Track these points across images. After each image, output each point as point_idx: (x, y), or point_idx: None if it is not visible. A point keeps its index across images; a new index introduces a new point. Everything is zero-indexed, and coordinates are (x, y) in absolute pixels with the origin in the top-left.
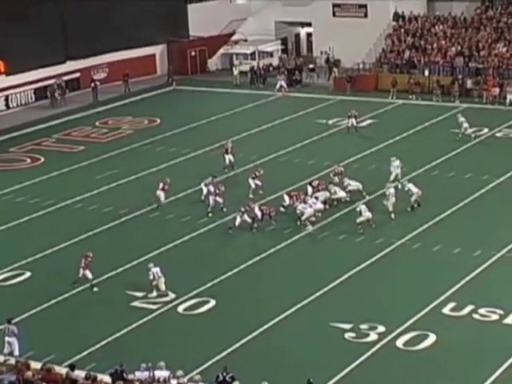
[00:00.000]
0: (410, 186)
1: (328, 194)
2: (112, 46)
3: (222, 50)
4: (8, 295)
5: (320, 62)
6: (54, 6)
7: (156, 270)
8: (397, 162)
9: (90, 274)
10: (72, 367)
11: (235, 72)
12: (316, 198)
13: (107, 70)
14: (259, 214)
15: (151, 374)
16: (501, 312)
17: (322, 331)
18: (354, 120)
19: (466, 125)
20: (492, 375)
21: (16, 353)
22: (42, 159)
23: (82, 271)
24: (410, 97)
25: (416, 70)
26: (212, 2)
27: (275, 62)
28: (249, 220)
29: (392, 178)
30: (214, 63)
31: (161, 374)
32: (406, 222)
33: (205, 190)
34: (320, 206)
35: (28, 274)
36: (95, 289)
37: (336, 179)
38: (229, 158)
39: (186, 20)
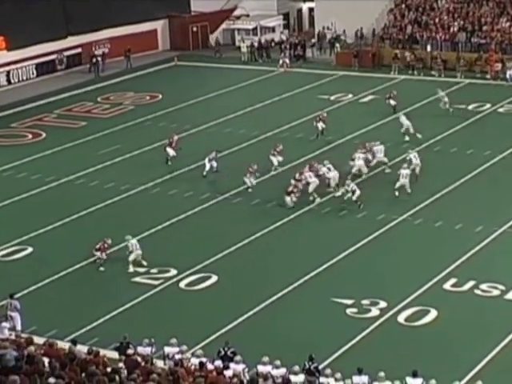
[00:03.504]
0: (412, 156)
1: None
2: (113, 22)
3: (223, 26)
4: (10, 270)
5: (326, 37)
6: None
7: (134, 241)
8: (403, 118)
9: (105, 255)
10: (74, 342)
11: (243, 49)
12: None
13: (109, 46)
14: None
15: (153, 350)
16: (502, 287)
17: (323, 307)
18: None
19: (445, 99)
20: (493, 350)
21: (18, 327)
22: (44, 135)
23: (96, 253)
24: (411, 72)
25: (418, 46)
26: None
27: (277, 37)
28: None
29: (403, 130)
30: (215, 39)
31: (171, 350)
32: (408, 198)
33: (208, 166)
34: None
35: (30, 249)
36: (101, 268)
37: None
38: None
39: None
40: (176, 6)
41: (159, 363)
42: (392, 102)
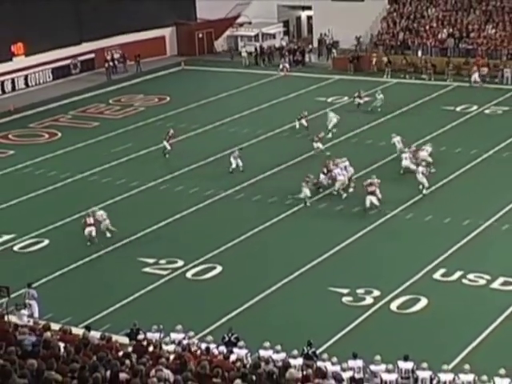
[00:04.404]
0: (396, 141)
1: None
2: (124, 29)
3: (227, 32)
4: (28, 261)
5: (324, 43)
6: None
7: (101, 212)
8: (332, 114)
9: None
10: (88, 328)
11: (244, 54)
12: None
13: (120, 51)
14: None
15: (162, 335)
16: (488, 277)
17: (321, 295)
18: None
19: (380, 96)
20: (479, 336)
21: (36, 315)
22: (59, 134)
23: (88, 229)
24: (402, 75)
25: (410, 51)
26: None
27: (277, 43)
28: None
29: (330, 126)
30: (220, 44)
31: (176, 336)
32: (399, 194)
33: (234, 163)
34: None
35: (46, 241)
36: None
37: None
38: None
39: (194, 4)
40: (183, 14)
41: (170, 347)
42: (359, 101)
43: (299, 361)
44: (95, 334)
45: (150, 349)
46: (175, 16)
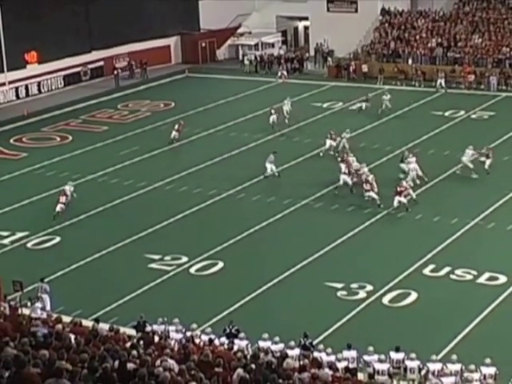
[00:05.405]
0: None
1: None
2: (132, 38)
3: (229, 42)
4: (41, 257)
5: (320, 52)
6: (81, 3)
7: (70, 188)
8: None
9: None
10: (97, 321)
11: (246, 61)
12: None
13: (128, 59)
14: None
15: (167, 328)
16: (474, 273)
17: (317, 290)
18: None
19: (388, 97)
20: (466, 328)
21: (48, 308)
22: (70, 138)
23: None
24: (394, 82)
25: (400, 60)
26: None
27: (276, 52)
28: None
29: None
30: (222, 53)
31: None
32: (391, 194)
33: (269, 168)
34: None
35: (58, 238)
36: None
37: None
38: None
39: (198, 15)
40: (187, 25)
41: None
42: (367, 104)
43: (296, 351)
44: (104, 326)
45: (156, 339)
46: (180, 26)
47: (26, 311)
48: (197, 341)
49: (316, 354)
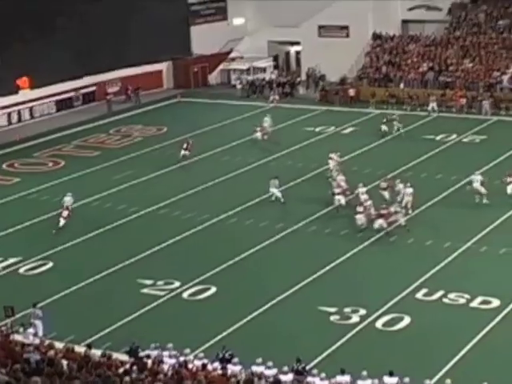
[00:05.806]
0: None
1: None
2: (124, 63)
3: (221, 67)
4: (33, 282)
5: (312, 77)
6: (73, 29)
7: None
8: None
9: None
10: (90, 346)
11: (238, 86)
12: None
13: (120, 84)
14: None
15: (160, 353)
16: (468, 296)
17: (310, 314)
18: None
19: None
20: (460, 352)
21: (40, 333)
22: (63, 163)
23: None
24: (385, 107)
25: (392, 84)
26: (212, 24)
27: (268, 76)
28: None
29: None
30: (214, 78)
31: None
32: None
33: (275, 193)
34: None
35: (51, 263)
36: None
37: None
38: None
39: (189, 40)
40: (179, 50)
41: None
42: (385, 128)
43: (290, 376)
44: (97, 352)
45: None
46: (172, 51)
47: (18, 337)
48: (190, 366)
49: (310, 378)
